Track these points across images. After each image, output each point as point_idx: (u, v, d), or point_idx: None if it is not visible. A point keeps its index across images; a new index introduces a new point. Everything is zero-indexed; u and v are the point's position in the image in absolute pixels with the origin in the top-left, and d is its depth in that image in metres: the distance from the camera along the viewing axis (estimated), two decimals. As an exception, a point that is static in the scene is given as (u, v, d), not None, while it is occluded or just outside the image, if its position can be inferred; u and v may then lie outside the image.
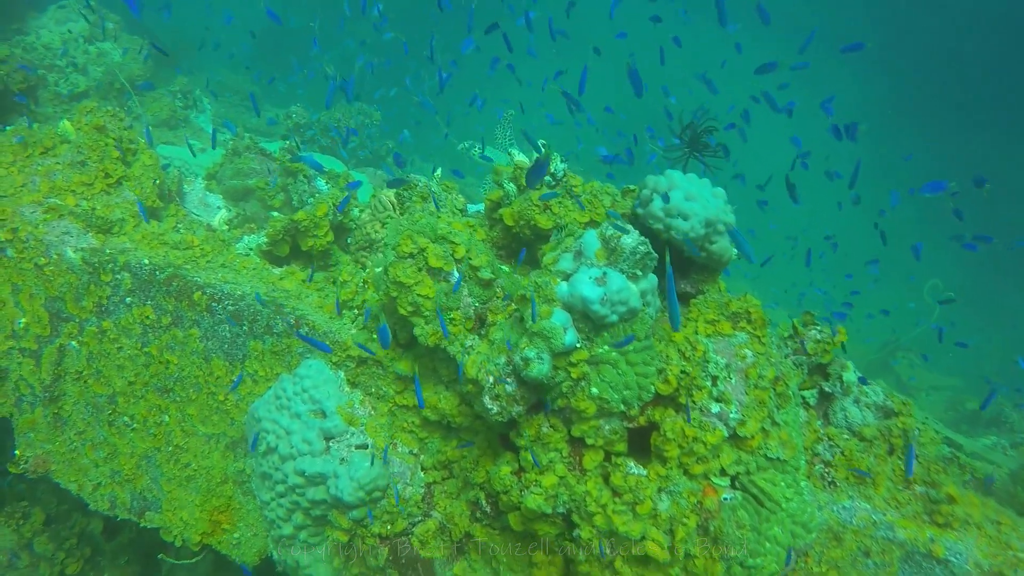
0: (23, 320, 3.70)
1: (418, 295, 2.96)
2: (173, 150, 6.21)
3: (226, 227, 4.33)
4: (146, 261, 3.55)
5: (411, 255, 2.99)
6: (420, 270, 2.99)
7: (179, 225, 4.15)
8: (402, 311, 2.99)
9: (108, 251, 3.60)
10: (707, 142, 4.17)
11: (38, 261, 3.63)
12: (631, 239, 2.65)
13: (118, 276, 3.56)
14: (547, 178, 3.40)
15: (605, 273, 2.63)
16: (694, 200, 3.00)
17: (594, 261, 2.69)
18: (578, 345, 2.67)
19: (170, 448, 3.56)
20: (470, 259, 3.07)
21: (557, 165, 3.39)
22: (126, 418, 3.61)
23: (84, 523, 4.95)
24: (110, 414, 3.62)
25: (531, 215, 3.33)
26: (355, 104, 8.11)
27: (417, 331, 3.00)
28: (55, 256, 3.62)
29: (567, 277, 2.73)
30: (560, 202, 3.35)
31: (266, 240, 3.93)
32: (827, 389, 3.39)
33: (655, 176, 3.13)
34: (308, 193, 5.08)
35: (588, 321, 2.67)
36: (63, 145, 4.07)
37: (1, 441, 4.69)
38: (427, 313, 2.97)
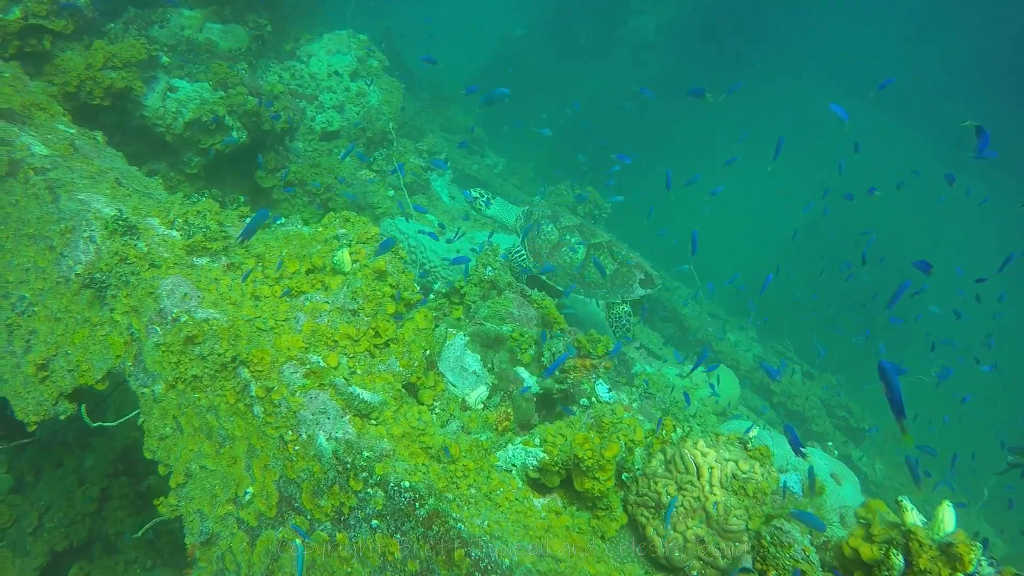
0: (251, 489, 3.17)
1: None
2: (406, 227, 5.68)
3: (481, 407, 3.65)
4: (407, 484, 2.90)
5: None
6: None
7: (436, 404, 3.51)
8: None
9: (366, 453, 2.98)
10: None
11: (285, 435, 3.08)
12: None
13: (370, 491, 2.94)
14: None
15: None
16: None
17: None
18: None
19: None
20: None
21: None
22: (333, 656, 3.00)
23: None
24: (316, 642, 3.04)
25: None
26: (587, 190, 7.33)
27: None
28: (305, 437, 3.05)
29: None
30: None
31: (536, 465, 3.20)
32: None
33: None
34: (561, 351, 4.34)
35: None
36: (335, 277, 3.51)
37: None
38: None
